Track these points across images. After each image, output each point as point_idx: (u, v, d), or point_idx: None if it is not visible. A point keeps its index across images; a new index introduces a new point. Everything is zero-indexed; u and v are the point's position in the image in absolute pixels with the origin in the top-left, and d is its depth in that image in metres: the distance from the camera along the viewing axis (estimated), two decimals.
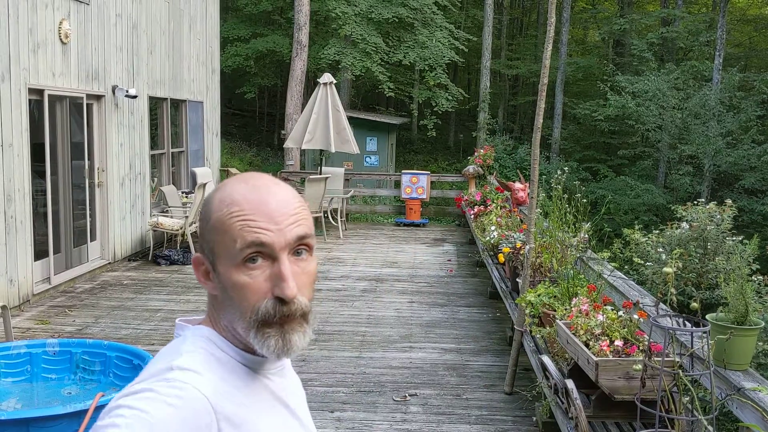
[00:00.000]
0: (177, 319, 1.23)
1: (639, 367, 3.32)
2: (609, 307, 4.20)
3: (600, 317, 3.97)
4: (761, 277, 3.51)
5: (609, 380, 3.57)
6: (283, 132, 18.23)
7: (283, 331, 1.08)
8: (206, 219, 1.10)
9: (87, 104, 8.72)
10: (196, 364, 1.08)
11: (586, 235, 5.78)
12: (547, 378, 4.39)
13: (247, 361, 1.15)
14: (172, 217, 10.35)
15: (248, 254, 1.06)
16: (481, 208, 10.53)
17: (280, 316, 1.07)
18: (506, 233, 7.72)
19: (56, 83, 7.94)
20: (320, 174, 12.51)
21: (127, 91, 9.35)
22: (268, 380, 1.17)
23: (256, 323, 1.08)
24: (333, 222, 12.82)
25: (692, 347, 3.19)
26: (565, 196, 5.81)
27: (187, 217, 10.04)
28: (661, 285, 3.60)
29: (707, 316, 3.25)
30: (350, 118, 13.96)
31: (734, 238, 4.20)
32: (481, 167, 13.86)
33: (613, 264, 5.26)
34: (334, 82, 12.93)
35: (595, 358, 3.59)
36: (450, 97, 22.44)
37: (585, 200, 5.84)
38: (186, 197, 11.19)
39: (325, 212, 12.63)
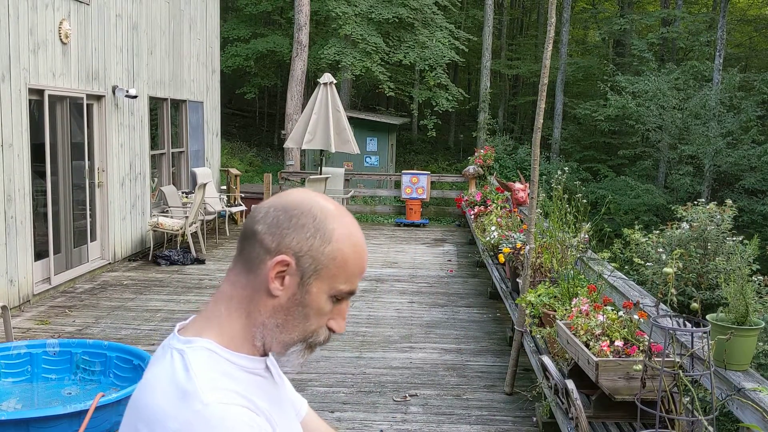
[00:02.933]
0: (176, 329, 1.21)
1: (639, 367, 3.32)
2: (609, 308, 4.19)
3: (600, 317, 3.97)
4: (761, 278, 3.51)
5: (609, 380, 3.56)
6: (283, 132, 18.23)
7: (313, 352, 1.22)
8: (325, 240, 1.15)
9: (87, 104, 8.72)
10: (224, 385, 1.11)
11: (587, 236, 5.78)
12: (547, 378, 4.39)
13: (255, 364, 1.17)
14: (172, 217, 10.35)
15: (344, 296, 1.19)
16: (482, 208, 10.53)
17: (322, 344, 1.21)
18: (506, 233, 7.72)
19: (56, 83, 7.94)
20: (320, 174, 12.51)
21: (127, 92, 9.35)
22: (271, 372, 1.24)
23: (308, 343, 1.19)
24: None
25: (692, 347, 3.19)
26: (566, 196, 5.81)
27: (187, 217, 10.04)
28: (661, 285, 3.60)
29: (707, 317, 3.25)
30: (350, 119, 13.97)
31: (734, 239, 4.20)
32: (482, 167, 13.86)
33: (613, 264, 5.26)
34: (335, 82, 12.93)
35: (595, 359, 3.59)
36: (450, 97, 22.44)
37: (585, 200, 5.84)
38: (186, 197, 11.20)
39: None
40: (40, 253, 7.78)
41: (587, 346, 3.82)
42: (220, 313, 1.17)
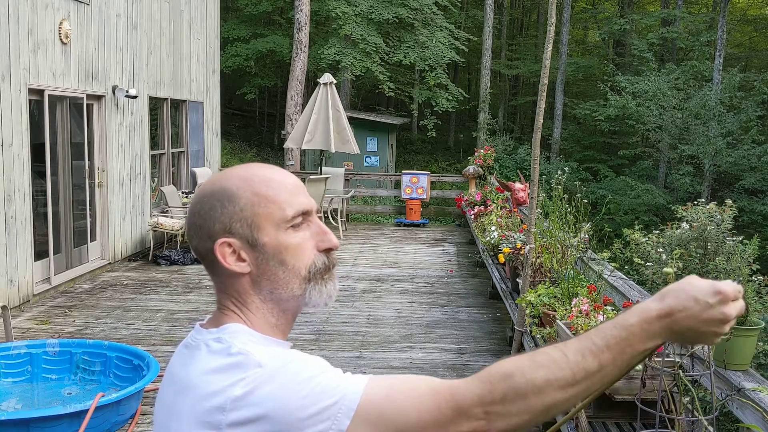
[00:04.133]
0: (197, 323, 1.20)
1: (639, 367, 3.32)
2: (609, 308, 4.20)
3: (600, 317, 3.97)
4: (761, 278, 3.51)
5: None
6: (283, 132, 18.23)
7: (331, 277, 1.21)
8: (233, 201, 1.15)
9: (87, 104, 8.72)
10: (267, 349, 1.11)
11: (587, 236, 5.78)
12: None
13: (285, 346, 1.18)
14: (172, 217, 10.35)
15: (298, 220, 1.17)
16: (482, 208, 10.53)
17: (329, 266, 1.20)
18: (506, 233, 7.72)
19: (56, 83, 7.94)
20: (320, 174, 12.51)
21: (127, 92, 9.35)
22: None
23: (313, 276, 1.18)
24: (333, 222, 12.82)
25: (692, 347, 3.19)
26: (566, 196, 5.81)
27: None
28: (661, 285, 3.60)
29: None
30: (350, 119, 13.96)
31: (734, 239, 4.20)
32: (482, 167, 13.86)
33: (613, 264, 5.26)
34: (335, 82, 12.93)
35: None
36: (450, 98, 22.44)
37: (585, 200, 5.84)
38: (186, 197, 11.19)
39: (325, 212, 12.63)
40: (40, 253, 7.78)
41: None
42: (230, 311, 1.18)
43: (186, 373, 1.11)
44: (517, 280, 6.05)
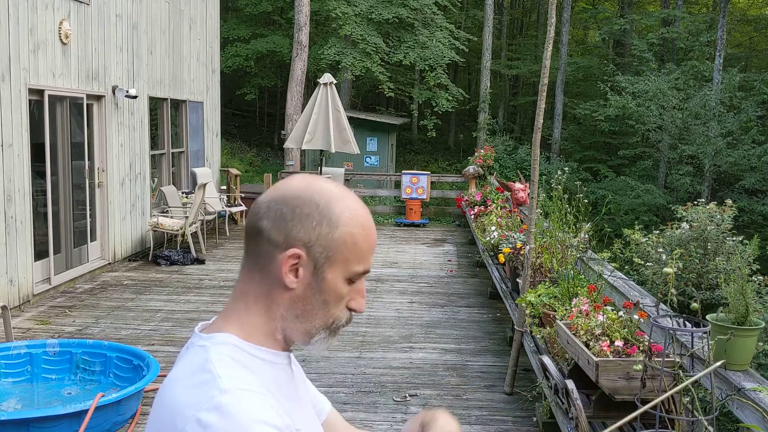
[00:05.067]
0: (198, 328, 1.20)
1: (639, 367, 3.32)
2: (609, 308, 4.19)
3: (600, 317, 3.97)
4: (761, 278, 3.51)
5: (609, 381, 3.56)
6: (283, 132, 18.22)
7: (339, 333, 1.22)
8: (332, 225, 1.13)
9: (87, 104, 8.72)
10: (242, 381, 1.10)
11: (587, 236, 5.78)
12: (547, 378, 4.39)
13: (277, 359, 1.18)
14: (172, 217, 10.35)
15: (360, 277, 1.18)
16: (482, 208, 10.53)
17: (346, 324, 1.22)
18: (506, 233, 7.72)
19: (56, 83, 7.94)
20: (320, 174, 12.51)
21: (127, 92, 9.35)
22: (292, 369, 1.25)
23: (333, 328, 1.19)
24: None
25: (692, 348, 3.19)
26: (566, 196, 5.81)
27: (187, 217, 10.04)
28: (661, 285, 3.60)
29: (707, 317, 3.25)
30: (350, 119, 13.96)
31: (734, 239, 4.20)
32: (482, 167, 13.86)
33: (613, 264, 5.26)
34: (335, 82, 12.92)
35: (595, 359, 3.59)
36: (450, 98, 22.44)
37: (585, 200, 5.84)
38: (186, 197, 11.19)
39: None
40: (40, 253, 7.78)
41: (587, 346, 3.81)
42: (238, 310, 1.17)
43: (169, 376, 1.13)
44: (517, 280, 6.05)
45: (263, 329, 1.16)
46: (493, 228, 8.25)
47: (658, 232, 4.53)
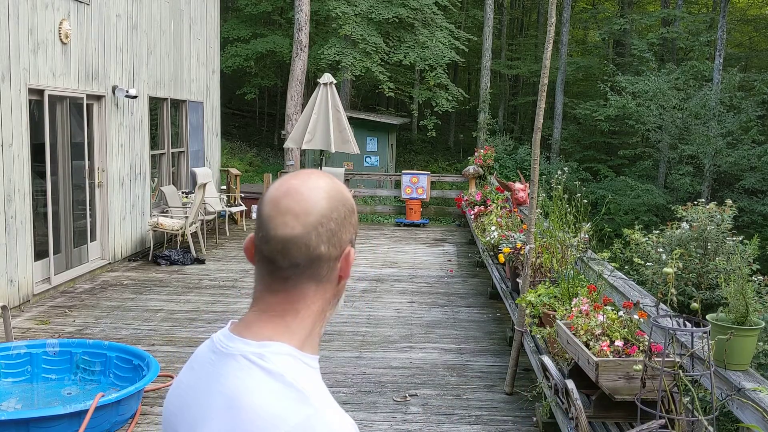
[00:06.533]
0: (229, 328, 1.16)
1: (639, 367, 3.32)
2: (609, 308, 4.19)
3: (600, 317, 3.97)
4: (761, 277, 3.51)
5: (609, 380, 3.56)
6: (283, 132, 18.22)
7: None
8: (354, 212, 1.21)
9: (87, 104, 8.72)
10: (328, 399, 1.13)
11: (587, 236, 5.78)
12: (547, 378, 4.39)
13: (317, 364, 1.18)
14: (172, 217, 10.35)
15: None
16: (482, 208, 10.53)
17: None
18: (506, 233, 7.72)
19: (56, 83, 7.94)
20: None
21: (127, 92, 9.35)
22: None
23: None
24: None
25: (692, 347, 3.19)
26: (566, 196, 5.81)
27: (187, 217, 10.04)
28: (661, 285, 3.60)
29: (707, 317, 3.25)
30: (350, 119, 13.96)
31: (734, 239, 4.21)
32: (482, 167, 13.86)
33: (613, 264, 5.26)
34: (335, 82, 12.92)
35: (595, 359, 3.59)
36: (450, 98, 22.44)
37: (585, 200, 5.84)
38: (186, 197, 11.19)
39: None
40: (40, 253, 7.78)
41: (587, 346, 3.82)
42: (285, 317, 1.14)
43: (236, 389, 1.08)
44: (517, 280, 6.05)
45: (311, 335, 1.16)
46: (493, 228, 8.25)
47: (658, 232, 4.53)
